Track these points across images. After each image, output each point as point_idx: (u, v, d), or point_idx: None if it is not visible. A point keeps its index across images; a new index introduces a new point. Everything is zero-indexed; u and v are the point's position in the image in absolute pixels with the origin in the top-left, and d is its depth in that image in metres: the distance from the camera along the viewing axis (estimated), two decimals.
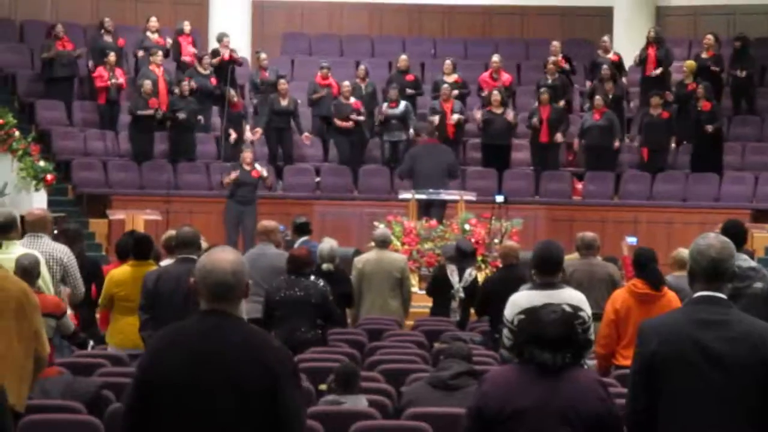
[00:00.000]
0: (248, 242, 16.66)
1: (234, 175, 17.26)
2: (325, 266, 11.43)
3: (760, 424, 4.49)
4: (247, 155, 17.51)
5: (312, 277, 10.14)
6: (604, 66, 20.27)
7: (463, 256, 12.40)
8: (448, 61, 20.68)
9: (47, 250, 9.14)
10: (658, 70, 20.43)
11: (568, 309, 5.00)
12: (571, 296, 7.23)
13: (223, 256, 4.35)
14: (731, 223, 8.11)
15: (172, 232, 10.27)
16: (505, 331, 7.18)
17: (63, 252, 9.29)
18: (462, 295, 12.14)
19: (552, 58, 20.56)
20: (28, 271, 8.01)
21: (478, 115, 19.74)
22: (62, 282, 9.26)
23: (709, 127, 19.12)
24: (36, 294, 7.14)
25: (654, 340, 4.58)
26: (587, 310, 7.24)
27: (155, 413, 4.23)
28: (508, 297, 7.52)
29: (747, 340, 4.51)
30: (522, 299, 7.17)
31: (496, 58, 20.73)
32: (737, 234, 7.66)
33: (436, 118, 19.15)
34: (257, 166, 17.51)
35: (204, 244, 10.08)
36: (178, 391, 4.20)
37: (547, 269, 7.29)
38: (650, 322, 4.75)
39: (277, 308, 9.94)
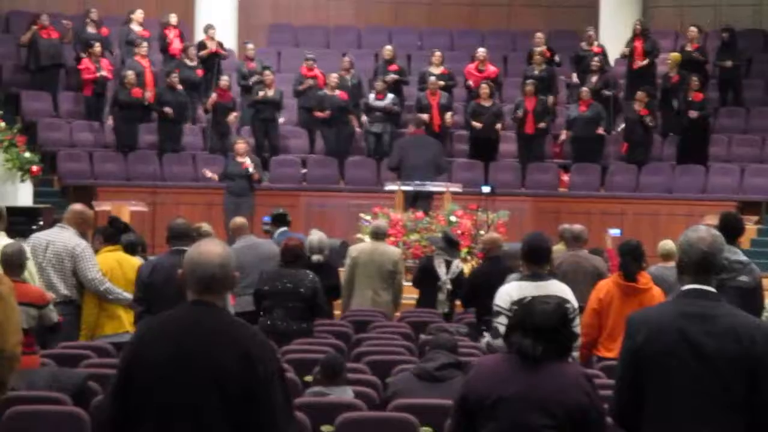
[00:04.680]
0: None
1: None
2: (315, 258, 11.33)
3: (745, 418, 4.47)
4: (240, 146, 17.38)
5: (304, 269, 10.11)
6: (596, 58, 20.25)
7: (452, 246, 12.39)
8: (437, 53, 20.62)
9: (57, 240, 9.29)
10: (645, 62, 20.43)
11: (564, 304, 4.99)
12: (558, 288, 7.26)
13: (211, 248, 4.33)
14: (730, 216, 8.07)
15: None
16: (501, 318, 7.17)
17: (75, 244, 9.40)
18: (449, 287, 12.13)
19: (537, 49, 20.53)
20: (11, 260, 8.00)
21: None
22: (74, 274, 9.45)
23: (693, 113, 19.10)
24: (19, 284, 7.11)
25: (642, 332, 4.57)
26: (573, 302, 7.25)
27: (137, 403, 4.19)
28: (494, 288, 7.56)
29: (733, 335, 4.48)
30: (513, 289, 7.20)
31: (481, 50, 20.71)
32: (735, 227, 7.64)
33: (425, 116, 18.99)
34: (248, 159, 17.41)
35: (211, 231, 10.31)
36: (160, 382, 4.16)
37: (536, 260, 7.36)
38: (638, 315, 4.74)
39: (265, 298, 9.93)
